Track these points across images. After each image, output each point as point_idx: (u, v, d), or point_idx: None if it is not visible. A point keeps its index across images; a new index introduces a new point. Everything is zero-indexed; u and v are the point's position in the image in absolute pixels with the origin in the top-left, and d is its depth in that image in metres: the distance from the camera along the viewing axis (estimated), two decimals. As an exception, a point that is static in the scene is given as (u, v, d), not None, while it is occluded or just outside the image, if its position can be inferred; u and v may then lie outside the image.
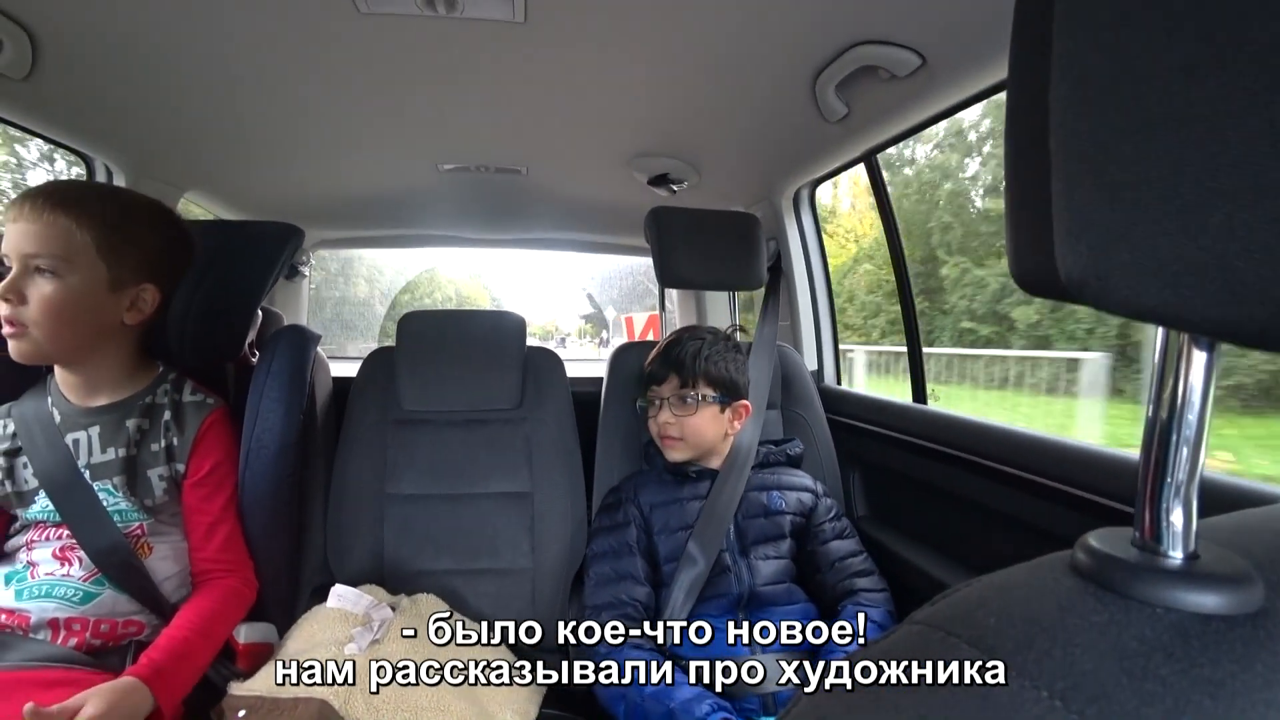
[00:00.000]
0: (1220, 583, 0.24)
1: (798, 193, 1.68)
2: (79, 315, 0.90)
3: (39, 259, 0.87)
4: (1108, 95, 0.21)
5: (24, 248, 0.87)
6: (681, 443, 1.17)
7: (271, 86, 1.21)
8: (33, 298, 0.87)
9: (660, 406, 1.18)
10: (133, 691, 0.80)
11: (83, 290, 0.89)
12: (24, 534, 0.95)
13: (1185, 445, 0.27)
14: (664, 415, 1.17)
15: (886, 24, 0.95)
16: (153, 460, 0.98)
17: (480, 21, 0.99)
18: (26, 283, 0.87)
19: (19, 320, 0.87)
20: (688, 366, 1.16)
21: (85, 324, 0.92)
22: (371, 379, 1.36)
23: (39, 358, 0.91)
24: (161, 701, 0.82)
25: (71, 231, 0.88)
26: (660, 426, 1.18)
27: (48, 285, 0.87)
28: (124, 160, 1.45)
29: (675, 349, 1.19)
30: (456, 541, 1.28)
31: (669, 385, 1.18)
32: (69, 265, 0.88)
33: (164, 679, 0.84)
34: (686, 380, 1.17)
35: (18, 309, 0.86)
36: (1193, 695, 0.20)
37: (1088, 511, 0.83)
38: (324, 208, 2.03)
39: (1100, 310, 0.23)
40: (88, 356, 0.95)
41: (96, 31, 1.00)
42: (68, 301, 0.88)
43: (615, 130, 1.44)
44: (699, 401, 1.16)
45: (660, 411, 1.18)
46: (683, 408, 1.17)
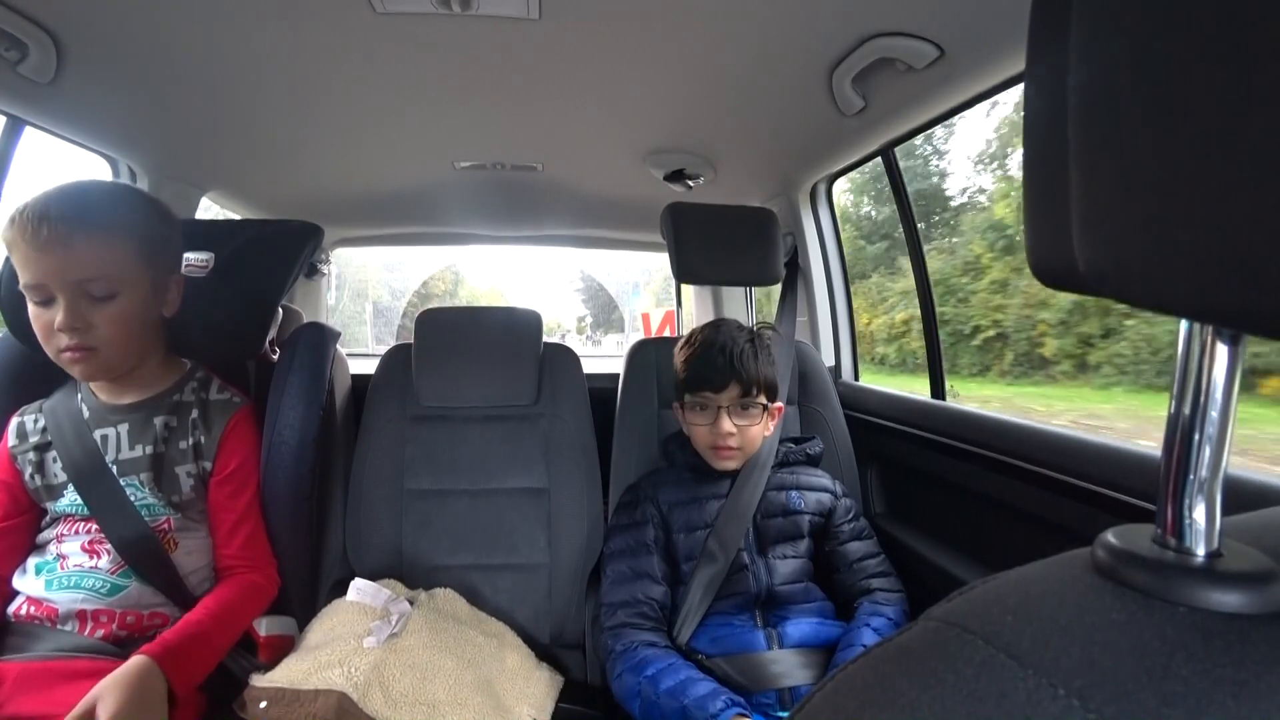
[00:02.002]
0: (1244, 581, 0.24)
1: (815, 187, 1.67)
2: (142, 326, 0.95)
3: (95, 283, 0.88)
4: (1127, 83, 0.21)
5: (72, 275, 0.86)
6: (739, 452, 1.12)
7: (290, 87, 1.22)
8: (98, 321, 0.88)
9: (718, 414, 1.10)
10: (145, 672, 0.79)
11: (139, 301, 0.93)
12: (54, 527, 0.97)
13: (1208, 441, 0.26)
14: (725, 425, 1.09)
15: (904, 16, 0.94)
16: (180, 457, 1.00)
17: (495, 19, 0.99)
18: (85, 308, 0.88)
19: (88, 345, 0.88)
20: (751, 373, 1.09)
21: (144, 331, 0.96)
22: (390, 375, 1.37)
23: (109, 374, 0.95)
24: (173, 680, 0.82)
25: (116, 246, 0.90)
26: (720, 437, 1.10)
27: (111, 307, 0.89)
28: (146, 161, 1.48)
29: (731, 351, 1.10)
30: (474, 537, 1.29)
31: (729, 393, 1.09)
32: (124, 281, 0.90)
33: (175, 658, 0.83)
34: (750, 388, 1.09)
35: (85, 335, 0.88)
36: (1215, 695, 0.19)
37: (1107, 508, 0.82)
38: (341, 206, 2.05)
39: (1120, 302, 0.23)
40: (141, 359, 0.98)
41: (120, 36, 1.02)
42: (131, 316, 0.92)
43: (631, 126, 1.44)
44: (762, 410, 1.11)
45: (719, 420, 1.10)
46: (745, 417, 1.11)
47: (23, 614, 0.92)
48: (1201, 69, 0.19)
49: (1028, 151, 0.26)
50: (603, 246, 2.62)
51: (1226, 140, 0.18)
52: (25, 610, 0.92)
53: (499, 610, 1.22)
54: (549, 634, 1.26)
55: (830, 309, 1.72)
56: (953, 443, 1.16)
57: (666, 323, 4.07)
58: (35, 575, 0.93)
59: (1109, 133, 0.21)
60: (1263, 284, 0.18)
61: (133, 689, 0.77)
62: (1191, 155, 0.19)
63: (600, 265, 6.38)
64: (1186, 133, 0.19)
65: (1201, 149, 0.19)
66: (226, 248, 1.12)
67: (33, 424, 0.98)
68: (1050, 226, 0.25)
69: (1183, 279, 0.20)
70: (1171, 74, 0.19)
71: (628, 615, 1.05)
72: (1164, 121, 0.20)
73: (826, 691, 0.27)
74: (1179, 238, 0.20)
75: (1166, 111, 0.20)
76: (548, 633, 1.26)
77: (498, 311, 1.48)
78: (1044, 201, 0.26)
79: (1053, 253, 0.25)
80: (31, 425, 0.98)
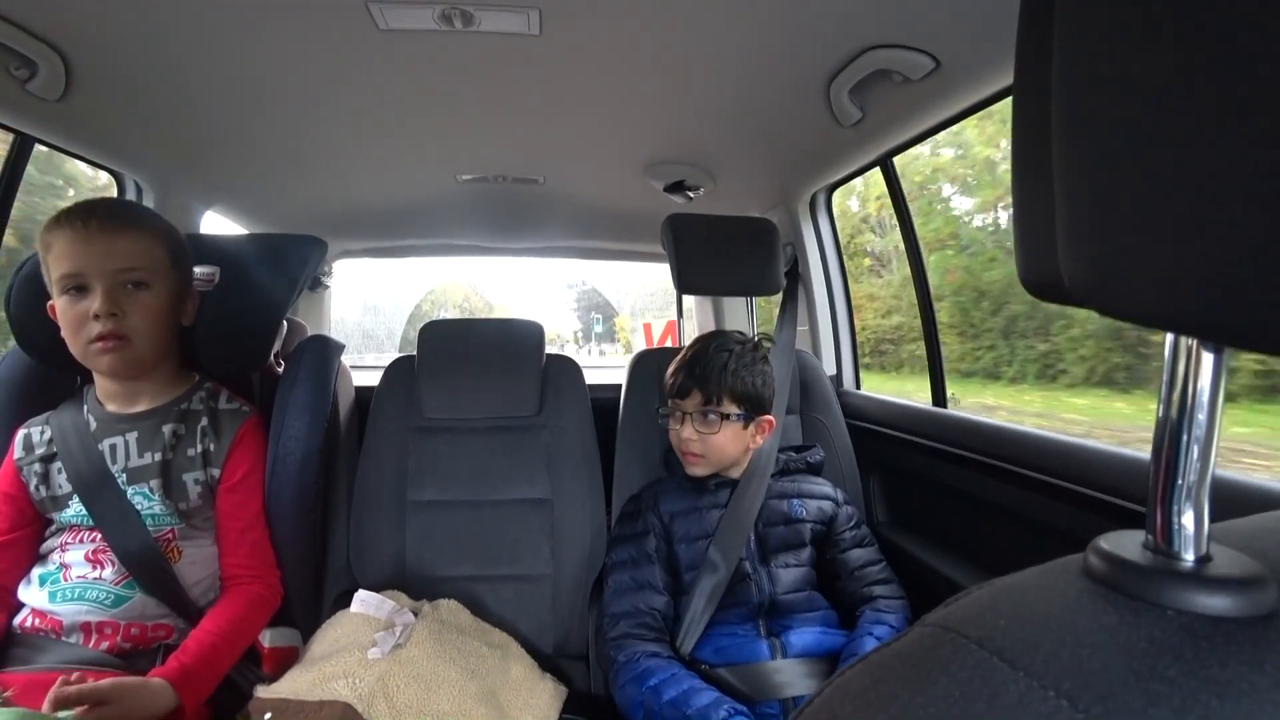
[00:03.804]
0: (1231, 585, 0.24)
1: (814, 197, 1.68)
2: (170, 322, 0.99)
3: (132, 273, 0.93)
4: (1106, 105, 0.21)
5: (112, 264, 0.92)
6: (703, 459, 1.13)
7: (294, 103, 1.24)
8: (131, 310, 0.93)
9: (683, 421, 1.14)
10: (158, 692, 0.83)
11: (169, 297, 0.98)
12: (58, 537, 0.98)
13: (1195, 447, 0.27)
14: (686, 431, 1.13)
15: (898, 28, 0.95)
16: (188, 465, 1.01)
17: (497, 35, 1.00)
18: (121, 296, 0.92)
19: (122, 332, 0.92)
20: (713, 382, 1.11)
21: (168, 334, 0.99)
22: (393, 387, 1.38)
23: (140, 366, 0.97)
24: (185, 702, 0.85)
25: (152, 244, 0.96)
26: (682, 442, 1.14)
27: (145, 296, 0.94)
28: (152, 177, 1.50)
29: (701, 361, 1.12)
30: (477, 547, 1.29)
31: (692, 400, 1.12)
32: (156, 275, 0.96)
33: (190, 681, 0.87)
34: (711, 397, 1.11)
35: (121, 322, 0.92)
36: (1200, 695, 0.20)
37: (1109, 514, 0.82)
38: (345, 219, 2.06)
39: (1104, 315, 0.23)
40: (159, 362, 1.01)
41: (127, 54, 1.04)
42: (163, 309, 0.96)
43: (631, 139, 1.45)
44: (722, 419, 1.11)
45: (683, 426, 1.13)
46: (705, 425, 1.12)
47: (28, 626, 0.92)
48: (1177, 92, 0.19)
49: (1015, 168, 0.27)
50: (604, 258, 2.63)
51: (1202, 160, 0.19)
52: (30, 622, 0.92)
53: (503, 621, 1.22)
54: (552, 644, 1.26)
55: (831, 318, 1.73)
56: (955, 450, 1.16)
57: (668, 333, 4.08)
58: (40, 586, 0.94)
59: (1089, 152, 0.22)
60: (1239, 300, 0.19)
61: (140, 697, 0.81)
62: (1168, 176, 0.20)
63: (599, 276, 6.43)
64: (1163, 153, 0.20)
65: (1177, 169, 0.20)
66: (232, 262, 1.13)
67: (39, 436, 0.99)
68: (1036, 241, 0.26)
69: (1162, 294, 0.21)
70: (1149, 96, 0.20)
71: (630, 626, 1.05)
72: (1142, 142, 0.20)
73: (824, 697, 0.27)
74: (1157, 254, 0.20)
75: (1144, 133, 0.20)
76: (551, 643, 1.26)
77: (500, 323, 1.49)
78: (1030, 217, 0.26)
79: (1039, 266, 0.26)
80: (38, 437, 0.99)
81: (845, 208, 3.83)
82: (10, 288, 1.03)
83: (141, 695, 0.81)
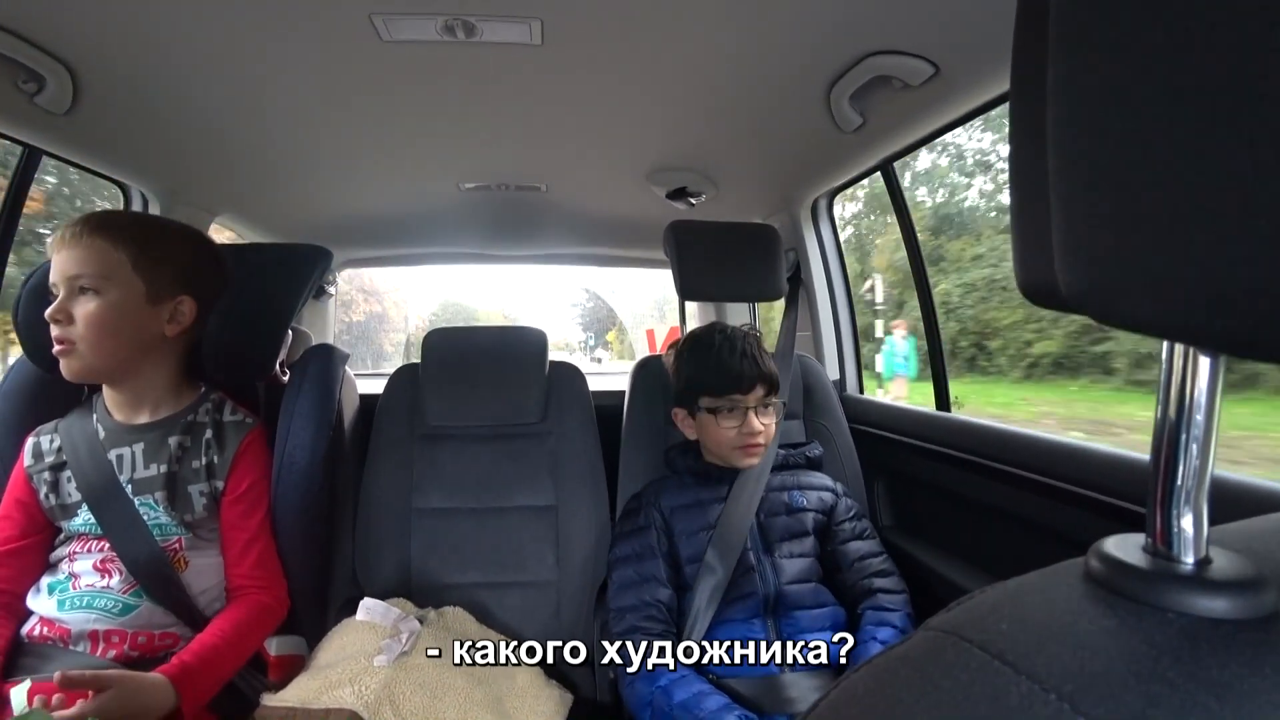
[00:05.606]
0: (1231, 588, 0.24)
1: (816, 203, 1.68)
2: (121, 328, 0.96)
3: (82, 279, 0.93)
4: (1100, 117, 0.22)
5: (68, 271, 0.93)
6: (764, 449, 1.16)
7: (298, 114, 1.25)
8: (78, 316, 0.93)
9: (747, 414, 1.13)
10: (158, 688, 0.84)
11: (122, 304, 0.95)
12: (67, 545, 0.98)
13: (1193, 451, 0.27)
14: (755, 424, 1.13)
15: (898, 34, 0.96)
16: (193, 476, 1.01)
17: (499, 45, 1.01)
18: (73, 303, 0.93)
19: (68, 338, 0.93)
20: (771, 372, 1.15)
21: (127, 336, 0.97)
22: (398, 395, 1.38)
23: (88, 374, 0.96)
24: (184, 701, 0.85)
25: (108, 251, 0.94)
26: (751, 436, 1.13)
27: (91, 302, 0.93)
28: (158, 188, 1.51)
29: (749, 353, 1.15)
30: (483, 555, 1.29)
31: (755, 394, 1.14)
32: (108, 282, 0.94)
33: (190, 681, 0.87)
34: (773, 387, 1.15)
35: (67, 328, 0.93)
36: (1199, 696, 0.20)
37: (1115, 517, 0.82)
38: (349, 228, 2.07)
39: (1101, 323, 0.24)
40: (133, 370, 1.00)
41: (133, 67, 1.05)
42: (109, 315, 0.94)
43: (633, 146, 1.46)
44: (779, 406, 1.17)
45: (748, 421, 1.13)
46: (767, 415, 1.15)
47: (36, 634, 0.93)
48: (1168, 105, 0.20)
49: (1013, 177, 0.28)
50: (606, 264, 2.64)
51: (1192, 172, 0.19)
52: (39, 631, 0.93)
53: (508, 628, 1.22)
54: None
55: (833, 322, 1.73)
56: (959, 454, 1.16)
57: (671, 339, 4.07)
58: (48, 595, 0.95)
59: (1084, 160, 0.22)
60: (1231, 308, 0.19)
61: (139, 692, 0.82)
62: (1161, 187, 0.20)
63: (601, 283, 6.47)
64: (1155, 165, 0.20)
65: (1170, 181, 0.20)
66: (237, 272, 1.14)
67: (48, 444, 1.00)
68: (1034, 249, 0.26)
69: (1156, 302, 0.21)
70: (1141, 110, 0.20)
71: (637, 619, 1.05)
72: (1135, 154, 0.21)
73: (829, 701, 0.27)
74: (1151, 264, 0.21)
75: (1137, 145, 0.21)
76: None
77: (504, 331, 1.50)
78: (1027, 223, 0.27)
79: (1036, 273, 0.26)
80: (47, 445, 1.00)
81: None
82: (18, 299, 1.04)
83: (142, 689, 0.82)
